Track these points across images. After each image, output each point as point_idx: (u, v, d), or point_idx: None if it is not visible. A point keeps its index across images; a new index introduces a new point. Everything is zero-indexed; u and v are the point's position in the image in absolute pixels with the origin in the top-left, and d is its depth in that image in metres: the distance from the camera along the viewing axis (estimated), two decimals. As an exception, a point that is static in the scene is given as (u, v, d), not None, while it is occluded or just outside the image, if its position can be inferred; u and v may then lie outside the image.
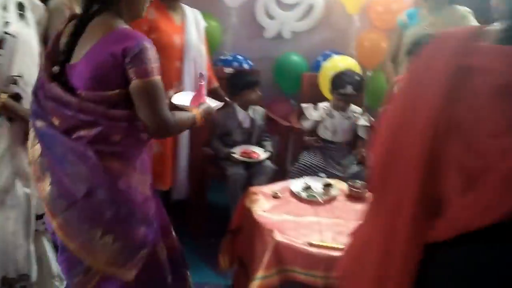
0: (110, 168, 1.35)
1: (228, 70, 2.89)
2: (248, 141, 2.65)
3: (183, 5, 2.42)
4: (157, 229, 1.50)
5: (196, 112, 1.55)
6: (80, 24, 1.38)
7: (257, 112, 2.68)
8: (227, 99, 2.59)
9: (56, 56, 1.41)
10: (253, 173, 2.51)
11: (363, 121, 2.56)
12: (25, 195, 1.78)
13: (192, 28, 2.44)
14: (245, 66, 3.06)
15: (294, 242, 1.56)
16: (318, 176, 2.17)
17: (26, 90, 1.74)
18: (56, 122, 1.36)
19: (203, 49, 2.48)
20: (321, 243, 1.55)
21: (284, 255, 1.55)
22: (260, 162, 2.50)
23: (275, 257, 1.56)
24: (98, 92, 1.33)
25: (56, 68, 1.39)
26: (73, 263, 1.42)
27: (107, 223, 1.36)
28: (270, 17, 3.12)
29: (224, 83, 2.67)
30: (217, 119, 2.59)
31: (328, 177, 2.21)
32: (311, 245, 1.55)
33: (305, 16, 3.11)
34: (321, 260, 1.51)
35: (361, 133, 2.59)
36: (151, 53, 1.33)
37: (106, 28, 1.34)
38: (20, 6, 1.73)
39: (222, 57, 3.07)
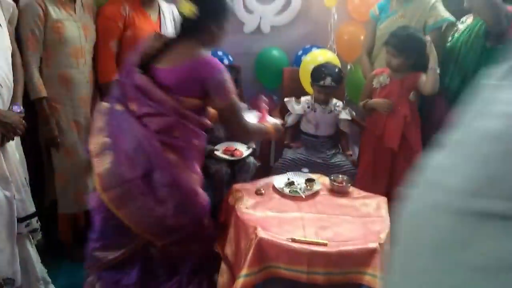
0: (168, 157, 1.60)
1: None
2: (231, 138, 2.62)
3: (159, 0, 2.39)
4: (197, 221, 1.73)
5: (268, 126, 1.91)
6: (170, 42, 1.68)
7: (239, 108, 2.65)
8: None
9: (145, 58, 1.67)
10: (236, 169, 2.50)
11: (344, 115, 2.56)
12: (5, 199, 1.74)
13: (169, 24, 2.40)
14: (225, 62, 3.03)
15: (277, 239, 1.55)
16: (301, 171, 2.16)
17: (1, 90, 1.70)
18: (133, 107, 1.62)
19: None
20: (303, 239, 1.55)
21: (267, 251, 1.54)
22: (243, 159, 2.48)
23: (258, 254, 1.55)
24: (177, 96, 1.60)
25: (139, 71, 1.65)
26: (121, 231, 1.66)
27: (157, 201, 1.60)
28: (249, 11, 3.09)
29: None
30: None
31: (311, 170, 2.20)
32: (293, 240, 1.54)
33: (283, 9, 3.09)
34: (304, 255, 1.50)
35: (343, 127, 2.59)
36: (228, 79, 1.63)
37: (192, 53, 1.62)
38: None
39: (201, 54, 3.02)
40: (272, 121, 1.97)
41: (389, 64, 2.28)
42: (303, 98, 2.63)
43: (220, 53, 3.07)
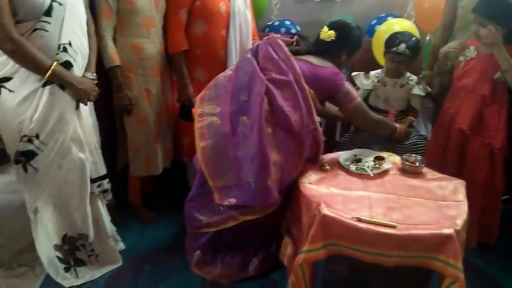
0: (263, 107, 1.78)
1: (276, 36, 2.77)
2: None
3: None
4: None
5: (398, 126, 2.19)
6: (311, 51, 1.99)
7: (305, 80, 2.56)
8: None
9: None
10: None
11: (417, 90, 2.37)
12: (79, 160, 1.84)
13: (238, -5, 2.35)
14: (293, 31, 2.94)
15: (341, 217, 1.49)
16: (370, 148, 2.05)
17: (76, 57, 1.77)
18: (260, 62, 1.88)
19: (248, 16, 2.39)
20: (370, 219, 1.47)
21: (331, 229, 1.49)
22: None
23: (321, 230, 1.50)
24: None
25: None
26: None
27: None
28: (321, -22, 2.94)
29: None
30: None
31: (380, 149, 2.08)
32: (359, 220, 1.47)
33: (358, -23, 2.91)
34: (370, 236, 1.43)
35: (415, 103, 2.40)
36: (351, 87, 1.99)
37: (326, 64, 1.95)
38: None
39: (269, 23, 2.96)
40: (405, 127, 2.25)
41: (476, 34, 2.05)
42: (372, 72, 2.47)
43: (287, 22, 2.98)
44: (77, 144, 1.84)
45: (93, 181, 1.96)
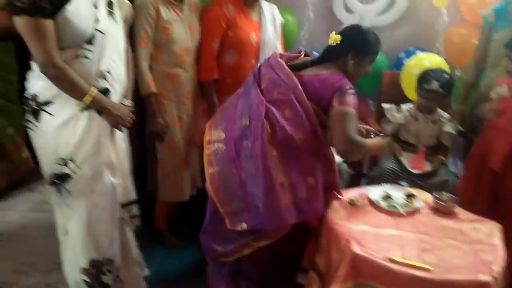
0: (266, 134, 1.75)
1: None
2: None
3: (260, 0, 2.39)
4: None
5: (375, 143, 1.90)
6: (314, 61, 1.89)
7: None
8: None
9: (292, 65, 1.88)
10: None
11: (449, 128, 2.35)
12: (112, 184, 1.87)
13: (269, 25, 2.40)
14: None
15: (373, 256, 1.47)
16: (399, 184, 2.03)
17: (114, 84, 1.81)
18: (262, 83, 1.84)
19: (278, 46, 2.44)
20: (404, 260, 1.45)
21: (362, 269, 1.47)
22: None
23: (352, 270, 1.48)
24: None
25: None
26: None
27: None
28: (349, 11, 2.98)
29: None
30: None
31: (410, 185, 2.06)
32: (392, 261, 1.45)
33: (387, 9, 2.93)
34: (403, 279, 1.41)
35: (446, 140, 2.38)
36: (353, 95, 1.75)
37: (332, 71, 1.82)
38: (109, 4, 1.79)
39: (297, 53, 2.99)
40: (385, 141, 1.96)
41: (508, 70, 2.03)
42: (404, 106, 2.47)
43: (316, 53, 3.01)
44: (110, 169, 1.87)
45: (123, 206, 1.99)
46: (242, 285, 2.00)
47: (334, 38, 1.85)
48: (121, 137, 1.96)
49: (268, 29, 2.36)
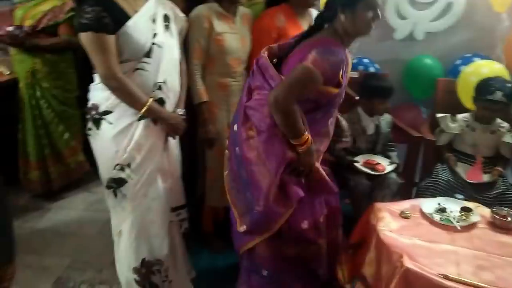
0: (247, 134, 1.77)
1: (353, 73, 2.78)
2: (372, 149, 2.51)
3: (311, 10, 2.38)
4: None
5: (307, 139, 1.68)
6: (310, 31, 1.73)
7: (384, 118, 2.52)
8: (356, 97, 2.51)
9: (279, 53, 1.80)
10: (376, 184, 2.37)
11: (509, 138, 2.23)
12: (164, 189, 1.94)
13: (318, 33, 2.39)
14: (371, 69, 2.92)
15: (426, 272, 1.42)
16: (454, 197, 1.94)
17: (169, 94, 1.88)
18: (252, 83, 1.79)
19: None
20: (459, 278, 1.39)
21: (414, 284, 1.43)
22: (384, 174, 2.35)
23: (404, 285, 1.44)
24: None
25: (275, 61, 1.79)
26: None
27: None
28: (402, 17, 2.91)
29: (349, 87, 2.57)
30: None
31: (466, 199, 1.97)
32: (447, 278, 1.39)
33: (442, 15, 2.84)
34: (459, 297, 1.35)
35: (505, 151, 2.26)
36: (332, 60, 1.55)
37: (323, 35, 1.66)
38: (166, 18, 1.86)
39: (347, 60, 2.95)
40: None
41: None
42: (460, 116, 2.37)
43: (366, 60, 2.97)
44: (162, 174, 1.94)
45: (173, 209, 2.05)
46: (252, 279, 1.98)
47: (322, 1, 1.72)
48: (174, 144, 2.02)
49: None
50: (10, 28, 2.65)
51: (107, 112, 1.80)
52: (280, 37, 2.25)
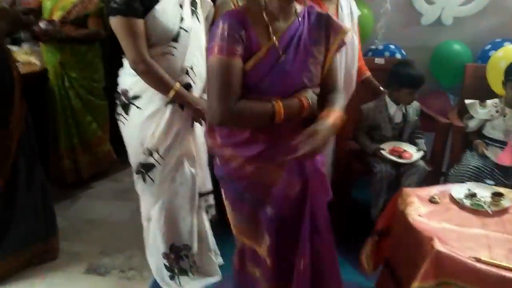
0: None
1: (379, 60, 2.74)
2: (398, 137, 2.48)
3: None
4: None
5: (277, 104, 1.30)
6: None
7: (411, 106, 2.48)
8: (382, 88, 2.48)
9: None
10: (403, 172, 2.35)
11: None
12: (191, 174, 1.96)
13: (346, 18, 2.36)
14: (398, 56, 2.87)
15: (458, 255, 1.40)
16: (485, 183, 1.91)
17: (195, 80, 1.90)
18: None
19: (355, 39, 2.39)
20: (491, 261, 1.36)
21: (445, 267, 1.41)
22: (412, 162, 2.32)
23: (435, 268, 1.42)
24: None
25: None
26: None
27: None
28: (429, 1, 2.85)
29: (374, 74, 2.54)
30: (365, 112, 2.49)
31: (496, 185, 1.93)
32: (479, 260, 1.37)
33: (470, -1, 2.77)
34: (491, 279, 1.33)
35: (537, 136, 2.20)
36: (220, 29, 1.26)
37: None
38: (193, 3, 1.88)
39: (373, 47, 2.93)
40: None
41: None
42: (489, 101, 2.32)
43: (392, 46, 2.93)
44: (189, 159, 1.96)
45: (200, 195, 2.07)
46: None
47: None
48: (200, 130, 2.05)
49: (345, 22, 2.32)
50: (43, 25, 2.70)
51: (135, 97, 1.84)
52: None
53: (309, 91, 1.37)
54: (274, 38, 1.31)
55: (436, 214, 1.67)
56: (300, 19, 1.37)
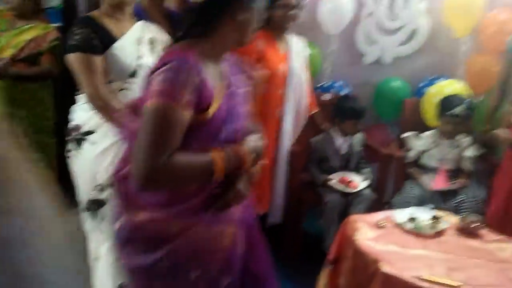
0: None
1: (327, 96, 2.91)
2: (345, 167, 2.62)
3: (288, 34, 2.51)
4: None
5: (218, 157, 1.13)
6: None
7: (356, 138, 2.64)
8: (324, 126, 2.62)
9: None
10: (351, 201, 2.47)
11: (470, 151, 2.39)
12: None
13: (295, 56, 2.51)
14: (343, 92, 3.06)
15: (402, 275, 1.49)
16: (425, 207, 2.05)
17: None
18: None
19: (304, 76, 2.54)
20: (433, 279, 1.46)
21: (391, 287, 1.49)
22: (358, 190, 2.45)
23: (381, 289, 1.50)
24: None
25: None
26: None
27: None
28: (371, 42, 3.09)
29: (323, 109, 2.70)
30: (314, 145, 2.62)
31: (436, 208, 2.08)
32: (421, 279, 1.46)
33: (408, 40, 3.03)
34: (433, 296, 1.42)
35: (467, 164, 2.42)
36: (176, 78, 1.08)
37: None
38: (151, 41, 1.94)
39: (321, 84, 3.10)
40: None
41: None
42: (426, 133, 2.52)
43: (338, 83, 3.11)
44: None
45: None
46: None
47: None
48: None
49: (295, 60, 2.47)
50: None
51: (89, 132, 1.84)
52: (259, 60, 2.36)
53: (252, 137, 1.27)
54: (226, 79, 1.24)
55: (382, 237, 1.77)
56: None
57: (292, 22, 2.42)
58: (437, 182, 2.35)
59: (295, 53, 2.49)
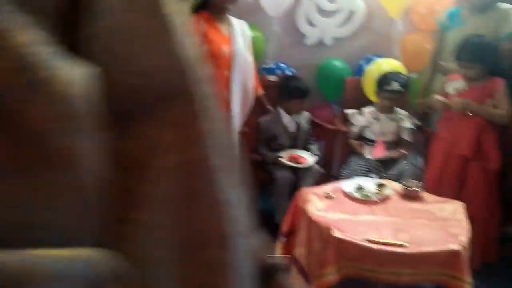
0: None
1: (272, 77, 2.95)
2: (294, 145, 2.69)
3: (230, 16, 2.51)
4: None
5: None
6: None
7: (302, 116, 2.72)
8: (270, 107, 2.67)
9: None
10: (300, 176, 2.55)
11: (408, 124, 2.56)
12: None
13: (239, 38, 2.52)
14: (287, 73, 3.11)
15: (353, 239, 1.57)
16: (370, 177, 2.17)
17: None
18: None
19: (249, 58, 2.55)
20: (382, 240, 1.56)
21: (344, 252, 1.57)
22: (307, 166, 2.53)
23: (334, 254, 1.58)
24: None
25: None
26: None
27: None
28: (311, 24, 3.16)
29: (269, 90, 2.73)
30: (262, 125, 2.66)
31: (379, 177, 2.21)
32: (370, 241, 1.55)
33: (346, 22, 3.14)
34: (383, 256, 1.52)
35: (405, 135, 2.59)
36: None
37: None
38: None
39: (265, 66, 3.14)
40: None
41: (465, 75, 2.24)
42: (366, 109, 2.65)
43: (282, 64, 3.16)
44: None
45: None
46: None
47: None
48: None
49: (239, 42, 2.47)
50: None
51: None
52: (202, 41, 2.35)
53: None
54: None
55: (332, 207, 1.85)
56: None
57: (232, 3, 2.42)
58: (376, 152, 2.49)
59: (239, 35, 2.50)
